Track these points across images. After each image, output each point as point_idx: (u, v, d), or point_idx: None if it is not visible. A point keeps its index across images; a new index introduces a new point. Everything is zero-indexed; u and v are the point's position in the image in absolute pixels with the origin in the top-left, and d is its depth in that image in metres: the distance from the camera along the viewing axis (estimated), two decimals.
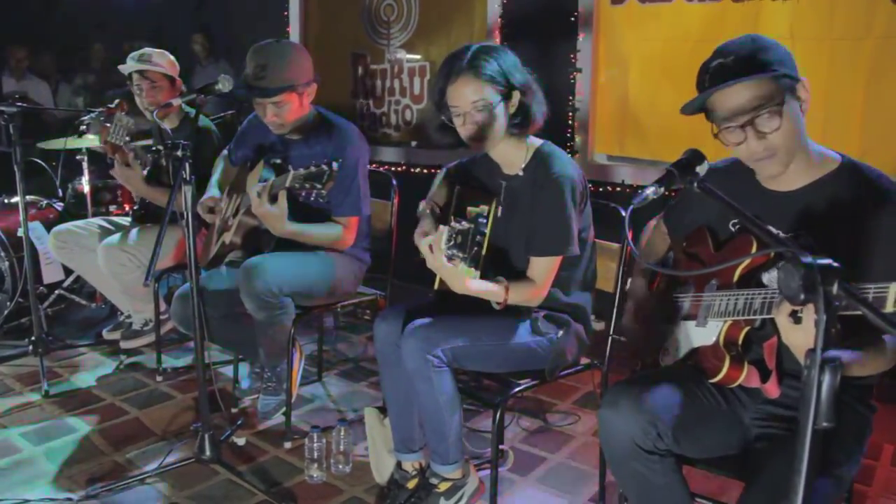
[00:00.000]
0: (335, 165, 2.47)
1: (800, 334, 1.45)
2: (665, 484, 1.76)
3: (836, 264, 1.15)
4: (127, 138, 3.43)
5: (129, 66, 3.63)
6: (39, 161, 4.75)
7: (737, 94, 1.68)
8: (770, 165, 1.75)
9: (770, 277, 1.67)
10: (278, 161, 2.94)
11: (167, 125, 3.69)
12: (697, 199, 1.95)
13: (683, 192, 2.02)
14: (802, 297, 1.16)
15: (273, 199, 2.64)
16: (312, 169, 2.50)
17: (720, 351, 1.76)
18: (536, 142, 2.41)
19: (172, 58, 3.73)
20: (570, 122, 4.01)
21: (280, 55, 2.86)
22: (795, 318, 1.44)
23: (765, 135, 1.69)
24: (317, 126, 3.02)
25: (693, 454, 1.84)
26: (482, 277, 2.13)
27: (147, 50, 3.66)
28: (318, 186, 2.49)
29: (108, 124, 3.42)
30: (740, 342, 1.77)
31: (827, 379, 1.14)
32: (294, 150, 3.01)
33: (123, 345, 3.86)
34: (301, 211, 2.79)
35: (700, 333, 1.84)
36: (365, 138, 3.06)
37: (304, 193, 2.54)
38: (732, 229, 1.89)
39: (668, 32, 3.66)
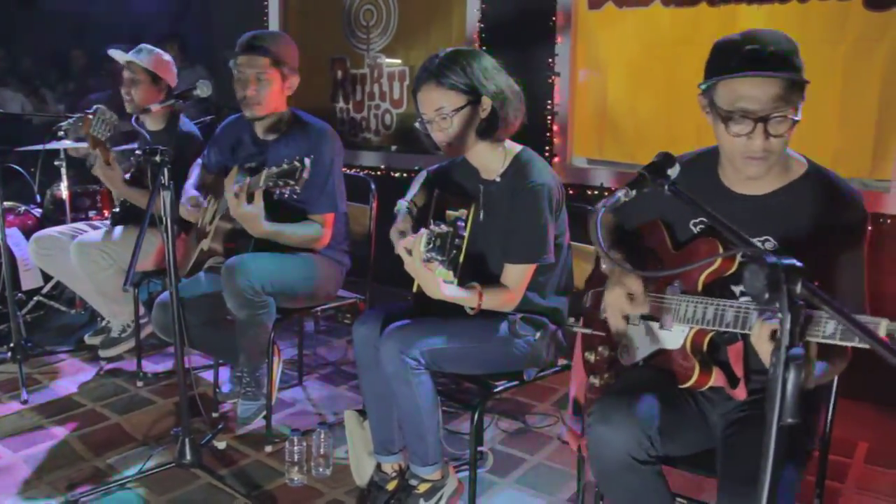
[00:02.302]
0: (307, 161, 2.50)
1: None
2: (654, 490, 1.76)
3: (799, 264, 1.17)
4: (108, 134, 3.37)
5: (117, 53, 3.62)
6: (17, 167, 4.72)
7: (769, 87, 1.64)
8: (757, 166, 1.73)
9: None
10: (254, 165, 2.94)
11: (152, 127, 3.64)
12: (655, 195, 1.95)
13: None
14: (767, 295, 1.19)
15: (249, 198, 2.65)
16: (285, 166, 2.54)
17: (689, 357, 1.76)
18: (515, 148, 2.43)
19: (167, 57, 3.68)
20: (548, 125, 4.04)
21: (274, 35, 3.06)
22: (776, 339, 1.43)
23: (771, 136, 1.67)
24: (291, 126, 3.04)
25: (674, 454, 1.84)
26: (459, 281, 2.14)
27: (145, 45, 3.64)
28: (292, 183, 2.51)
29: (91, 115, 3.35)
30: (705, 347, 1.78)
31: (792, 376, 1.17)
32: (270, 152, 3.01)
33: (102, 353, 3.83)
34: (278, 211, 2.80)
35: (664, 336, 1.83)
36: (339, 137, 3.07)
37: (277, 192, 2.57)
38: (693, 229, 1.89)
39: (646, 36, 3.69)
